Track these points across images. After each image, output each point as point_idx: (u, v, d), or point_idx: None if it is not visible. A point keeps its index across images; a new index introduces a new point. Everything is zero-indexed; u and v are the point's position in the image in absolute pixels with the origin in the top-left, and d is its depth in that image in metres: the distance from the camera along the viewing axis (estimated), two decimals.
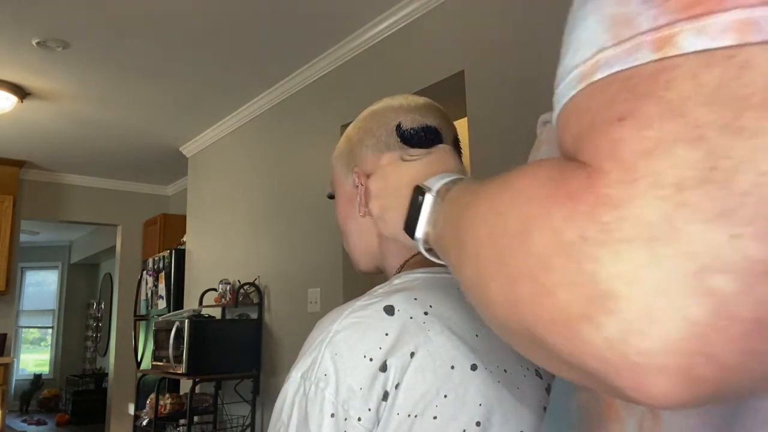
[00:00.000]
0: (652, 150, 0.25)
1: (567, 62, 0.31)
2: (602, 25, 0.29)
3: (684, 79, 0.25)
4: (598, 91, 0.28)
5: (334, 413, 0.55)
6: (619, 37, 0.28)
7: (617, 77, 0.27)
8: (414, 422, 0.55)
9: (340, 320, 0.59)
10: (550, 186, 0.29)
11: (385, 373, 0.56)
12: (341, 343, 0.57)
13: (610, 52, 0.28)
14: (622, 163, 0.26)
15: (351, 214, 0.77)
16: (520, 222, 0.30)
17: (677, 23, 0.26)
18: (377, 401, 0.55)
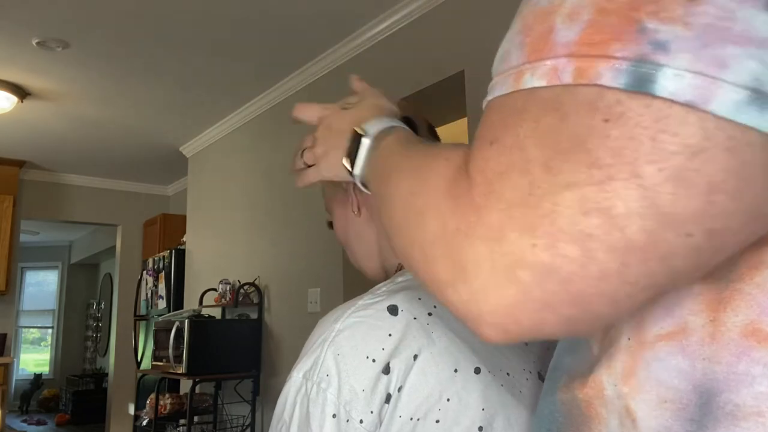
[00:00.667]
0: (503, 172, 0.32)
1: (495, 66, 0.39)
2: (501, 53, 0.38)
3: (529, 120, 0.32)
4: (490, 111, 0.36)
5: (336, 414, 0.54)
6: (502, 68, 0.36)
7: (500, 102, 0.35)
8: (416, 425, 0.54)
9: (342, 319, 0.59)
10: (450, 185, 0.36)
11: (388, 376, 0.55)
12: (344, 343, 0.57)
13: (497, 79, 0.36)
14: (485, 178, 0.33)
15: (348, 220, 0.77)
16: (424, 205, 0.38)
17: (525, 64, 0.33)
18: (380, 404, 0.55)
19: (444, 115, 3.07)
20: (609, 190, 0.29)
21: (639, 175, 0.28)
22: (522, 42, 0.34)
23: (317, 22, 2.83)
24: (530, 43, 0.33)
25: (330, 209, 0.82)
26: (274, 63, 3.27)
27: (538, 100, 0.32)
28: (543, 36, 0.33)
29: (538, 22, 0.34)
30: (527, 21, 0.35)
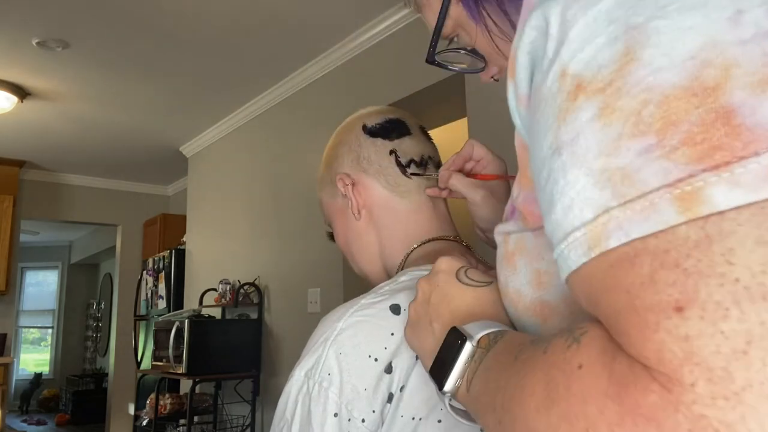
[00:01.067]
0: (746, 349, 0.21)
1: (559, 219, 0.29)
2: (593, 180, 0.27)
3: (748, 249, 0.21)
4: (626, 265, 0.25)
5: (338, 413, 0.54)
6: (625, 196, 0.25)
7: (644, 248, 0.24)
8: (418, 425, 0.54)
9: (345, 318, 0.58)
10: (613, 403, 0.24)
11: (390, 375, 0.55)
12: (346, 342, 0.56)
13: (619, 214, 0.25)
14: (709, 370, 0.21)
15: (348, 226, 0.77)
16: None
17: (698, 175, 0.23)
18: (382, 403, 0.55)
19: (444, 115, 3.07)
20: None
21: None
22: (668, 145, 0.24)
23: (317, 22, 2.83)
24: (697, 142, 0.23)
25: (329, 220, 0.82)
26: (274, 63, 3.27)
27: (749, 218, 0.22)
28: (722, 123, 0.23)
29: (687, 109, 0.24)
30: (663, 113, 0.25)
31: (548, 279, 0.40)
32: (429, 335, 0.48)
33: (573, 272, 0.28)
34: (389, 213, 0.75)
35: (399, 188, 0.75)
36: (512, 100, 0.37)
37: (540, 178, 0.31)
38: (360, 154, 0.76)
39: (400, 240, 0.74)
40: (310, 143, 3.32)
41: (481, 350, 0.40)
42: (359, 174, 0.75)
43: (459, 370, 0.42)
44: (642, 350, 0.24)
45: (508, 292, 0.45)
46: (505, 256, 0.45)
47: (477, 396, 0.39)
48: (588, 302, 0.28)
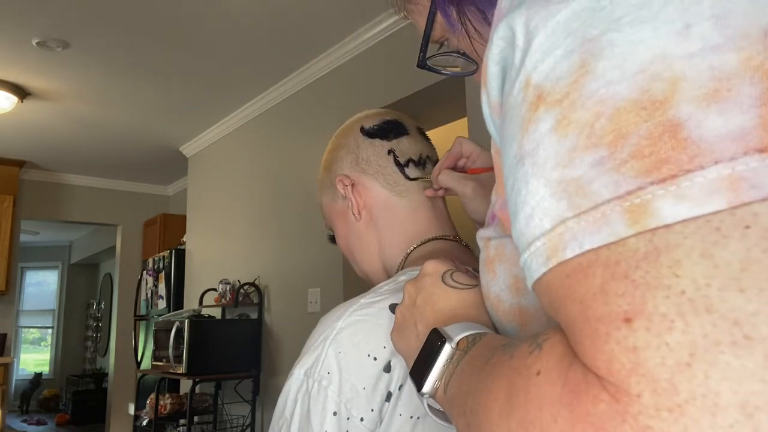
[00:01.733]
0: (689, 361, 0.21)
1: (522, 228, 0.29)
2: (551, 191, 0.27)
3: (693, 261, 0.22)
4: (580, 275, 0.25)
5: (337, 412, 0.55)
6: (579, 208, 0.26)
7: (596, 259, 0.25)
8: (416, 424, 0.54)
9: (344, 317, 0.59)
10: (565, 410, 0.25)
11: (389, 374, 0.55)
12: (345, 341, 0.57)
13: (573, 225, 0.26)
14: (654, 382, 0.22)
15: (349, 228, 0.78)
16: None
17: (646, 188, 0.23)
18: (380, 402, 0.55)
19: (444, 115, 3.07)
20: None
21: None
22: (618, 158, 0.25)
23: (317, 22, 2.83)
24: (645, 155, 0.24)
25: (330, 222, 0.82)
26: (274, 63, 3.27)
27: (694, 230, 0.22)
28: (669, 136, 0.23)
29: (634, 124, 0.25)
30: (614, 126, 0.25)
31: (525, 285, 0.40)
32: (413, 336, 0.49)
33: (536, 281, 0.29)
34: (389, 213, 0.75)
35: (398, 188, 0.75)
36: (485, 108, 0.37)
37: (507, 187, 0.32)
38: (359, 156, 0.76)
39: (400, 240, 0.74)
40: (310, 143, 3.32)
41: (459, 352, 0.41)
42: (358, 175, 0.76)
43: (438, 371, 0.42)
44: (594, 360, 0.24)
45: (490, 296, 0.46)
46: (486, 261, 0.45)
47: (452, 398, 0.39)
48: (550, 310, 0.28)
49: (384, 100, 2.81)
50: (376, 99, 2.86)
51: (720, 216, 0.22)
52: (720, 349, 0.21)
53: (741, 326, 0.21)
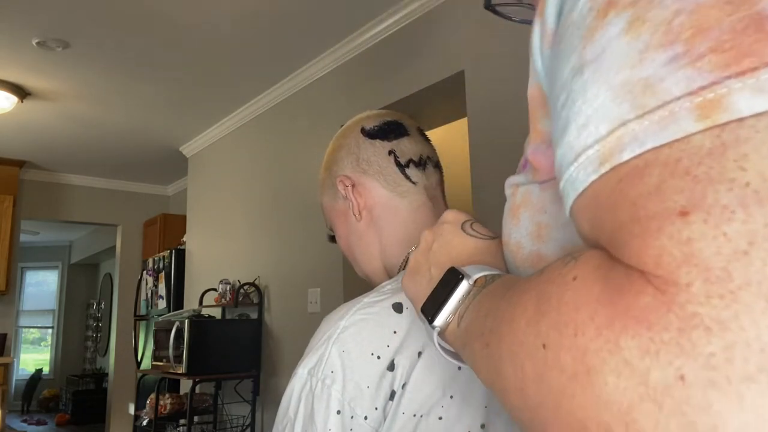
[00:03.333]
0: (747, 249, 0.21)
1: (571, 141, 0.28)
2: (613, 95, 0.26)
3: (763, 155, 0.21)
4: (635, 177, 0.24)
5: (341, 410, 0.55)
6: (643, 107, 0.24)
7: (655, 159, 0.24)
8: (419, 422, 0.54)
9: (348, 316, 0.59)
10: (605, 308, 0.24)
11: (392, 372, 0.55)
12: (349, 340, 0.57)
13: (635, 126, 0.25)
14: (706, 270, 0.21)
15: (349, 228, 0.78)
16: (576, 359, 0.25)
17: (722, 82, 0.22)
18: (384, 400, 0.55)
19: (444, 115, 3.07)
20: None
21: None
22: (695, 53, 0.24)
23: (317, 22, 2.83)
24: (725, 49, 0.23)
25: (331, 222, 0.82)
26: (274, 63, 3.27)
27: (766, 126, 0.21)
28: (755, 29, 0.22)
29: (716, 15, 0.23)
30: (694, 22, 0.24)
31: (547, 232, 0.41)
32: (425, 280, 0.48)
33: (579, 195, 0.28)
34: (390, 213, 0.76)
35: (399, 188, 0.76)
36: (536, 40, 0.36)
37: (557, 106, 0.31)
38: (359, 156, 0.77)
39: (401, 240, 0.75)
40: (311, 143, 3.32)
41: (476, 289, 0.40)
42: (359, 175, 0.76)
43: (453, 305, 0.41)
44: (640, 257, 0.23)
45: (510, 243, 0.45)
46: (512, 208, 0.45)
47: (466, 327, 0.38)
48: (591, 226, 0.28)
49: (384, 100, 2.81)
50: (376, 99, 2.86)
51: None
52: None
53: None
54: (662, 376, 0.22)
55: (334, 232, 0.82)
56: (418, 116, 3.07)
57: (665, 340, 0.22)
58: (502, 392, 0.31)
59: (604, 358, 0.23)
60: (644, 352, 0.22)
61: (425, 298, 0.46)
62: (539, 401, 0.27)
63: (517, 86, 2.20)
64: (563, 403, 0.25)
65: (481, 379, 0.35)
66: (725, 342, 0.21)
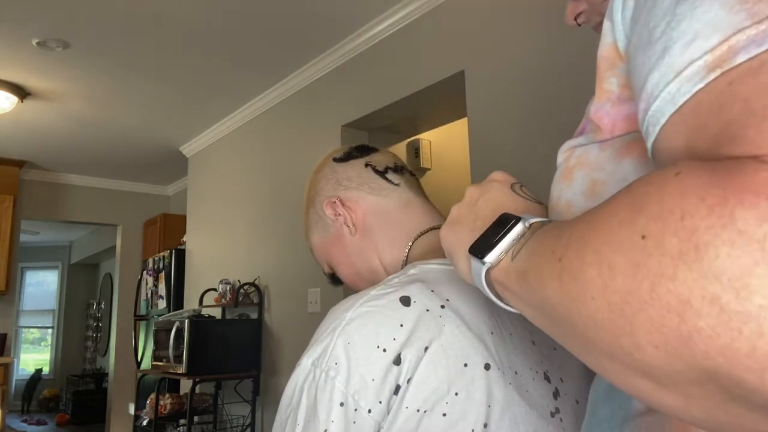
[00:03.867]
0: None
1: (673, 60, 0.28)
2: (728, 7, 0.26)
3: None
4: (748, 76, 0.25)
5: (344, 402, 0.54)
6: (760, 15, 0.25)
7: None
8: (422, 417, 0.54)
9: (354, 308, 0.59)
10: (716, 189, 0.24)
11: (398, 366, 0.55)
12: (354, 332, 0.57)
13: (752, 31, 0.25)
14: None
15: (348, 252, 0.79)
16: (683, 240, 0.24)
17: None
18: (389, 394, 0.55)
19: (444, 115, 3.07)
20: None
21: None
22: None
23: (317, 22, 2.83)
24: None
25: (327, 258, 0.83)
26: (273, 63, 3.27)
27: None
28: None
29: None
30: None
31: (602, 189, 0.41)
32: (469, 230, 0.47)
33: (676, 111, 0.28)
34: (382, 215, 0.77)
35: (384, 192, 0.78)
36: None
37: (654, 34, 0.30)
38: (338, 178, 0.80)
39: (398, 237, 0.75)
40: (311, 143, 3.32)
41: (531, 232, 0.39)
42: (344, 191, 0.79)
43: (508, 242, 0.40)
44: (755, 142, 0.24)
45: (560, 204, 0.45)
46: (564, 171, 0.45)
47: (525, 258, 0.37)
48: (690, 136, 0.27)
49: (384, 100, 2.81)
50: (376, 99, 2.86)
51: None
52: None
53: None
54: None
55: (333, 269, 0.82)
56: (418, 116, 3.07)
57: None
58: (576, 301, 0.29)
59: (717, 233, 0.23)
60: (762, 220, 0.22)
61: (470, 243, 0.44)
62: (629, 290, 0.26)
63: (517, 86, 2.20)
64: (662, 284, 0.25)
65: (543, 304, 0.34)
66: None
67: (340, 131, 3.05)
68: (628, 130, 0.40)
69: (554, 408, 0.61)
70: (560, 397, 0.62)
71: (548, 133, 2.01)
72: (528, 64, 2.15)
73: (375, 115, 2.91)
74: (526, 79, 2.16)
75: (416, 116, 3.05)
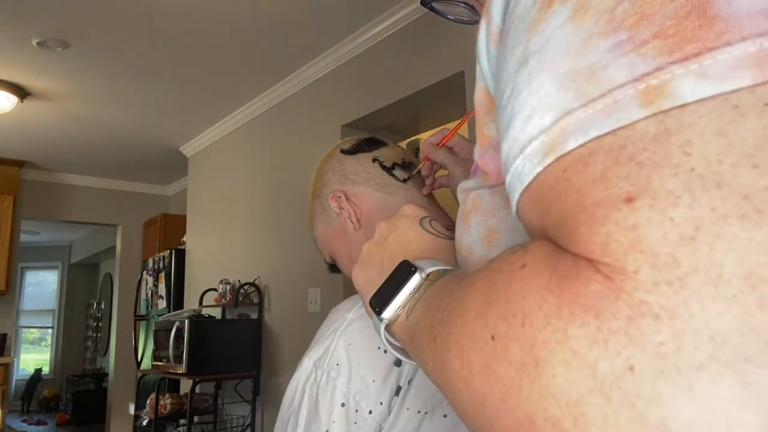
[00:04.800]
0: (694, 234, 0.20)
1: (516, 134, 0.27)
2: (558, 84, 0.25)
3: (706, 139, 0.21)
4: (579, 165, 0.24)
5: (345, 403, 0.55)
6: (587, 96, 0.24)
7: (599, 146, 0.23)
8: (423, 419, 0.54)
9: (355, 309, 0.59)
10: (552, 296, 0.23)
11: (399, 368, 0.55)
12: (356, 333, 0.57)
13: (579, 115, 0.24)
14: (653, 257, 0.21)
15: (350, 246, 0.78)
16: (524, 350, 0.24)
17: (665, 68, 0.22)
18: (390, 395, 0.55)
19: (444, 115, 3.07)
20: None
21: None
22: (638, 40, 0.23)
23: (317, 22, 2.83)
24: (669, 35, 0.22)
25: (329, 249, 0.83)
26: (274, 63, 3.27)
27: (711, 109, 0.21)
28: (697, 14, 0.22)
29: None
30: (637, 8, 0.24)
31: (497, 237, 0.41)
32: (376, 272, 0.47)
33: (525, 189, 0.27)
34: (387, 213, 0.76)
35: (390, 188, 0.77)
36: (483, 39, 0.36)
37: (502, 101, 0.30)
38: (345, 171, 0.79)
39: None
40: (311, 143, 3.32)
41: (428, 283, 0.39)
42: (350, 186, 0.78)
43: (404, 298, 0.40)
44: (587, 245, 0.23)
45: (461, 248, 0.45)
46: (463, 213, 0.45)
47: (415, 321, 0.37)
48: (539, 219, 0.27)
49: (384, 100, 2.81)
50: (376, 99, 2.86)
51: (739, 94, 0.21)
52: (728, 222, 0.20)
53: (751, 200, 0.20)
54: (611, 366, 0.21)
55: (334, 260, 0.82)
56: (418, 116, 3.07)
57: (614, 329, 0.21)
58: (448, 387, 0.30)
59: (552, 349, 0.23)
60: (592, 341, 0.22)
61: (375, 290, 0.44)
62: (485, 395, 0.26)
63: None
64: (510, 397, 0.24)
65: (426, 373, 0.34)
66: (674, 330, 0.20)
67: (340, 131, 3.05)
68: None
69: None
70: None
71: None
72: None
73: (375, 115, 2.91)
74: None
75: (416, 116, 3.05)
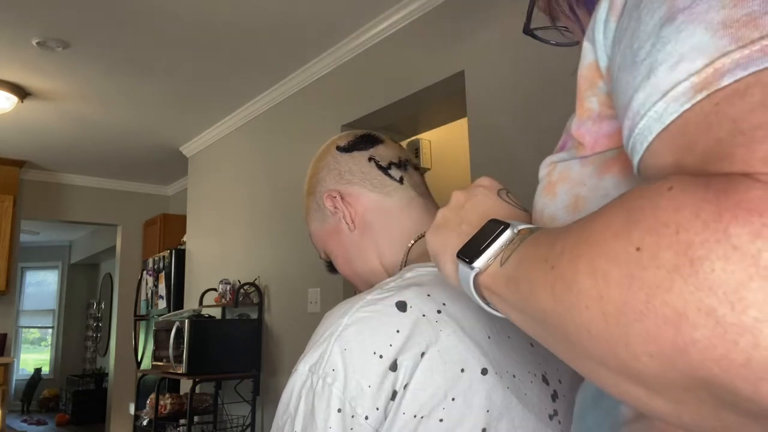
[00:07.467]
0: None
1: (658, 81, 0.29)
2: (712, 31, 0.27)
3: None
4: (735, 98, 0.26)
5: (341, 409, 0.54)
6: (744, 40, 0.26)
7: (757, 80, 0.25)
8: (419, 423, 0.54)
9: (350, 314, 0.58)
10: (710, 204, 0.24)
11: (395, 373, 0.55)
12: (351, 338, 0.56)
13: (736, 56, 0.26)
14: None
15: (345, 245, 0.78)
16: (678, 253, 0.25)
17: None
18: (385, 401, 0.54)
19: (444, 115, 3.07)
20: None
21: None
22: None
23: (317, 22, 2.83)
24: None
25: (324, 247, 0.82)
26: (274, 63, 3.27)
27: None
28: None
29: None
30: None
31: (584, 204, 0.42)
32: (455, 234, 0.47)
33: (664, 130, 0.29)
34: (382, 214, 0.76)
35: (386, 189, 0.77)
36: (603, 13, 0.37)
37: (637, 59, 0.31)
38: (341, 170, 0.78)
39: (398, 237, 0.75)
40: (311, 143, 3.32)
41: (521, 237, 0.39)
42: (345, 186, 0.77)
43: (496, 248, 0.40)
44: (747, 161, 0.25)
45: (543, 217, 0.45)
46: (547, 185, 0.46)
47: (516, 263, 0.37)
48: (678, 154, 0.28)
49: (384, 100, 2.81)
50: (376, 99, 2.86)
51: None
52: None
53: None
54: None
55: (330, 258, 0.82)
56: (418, 116, 3.07)
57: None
58: (570, 310, 0.30)
59: (712, 247, 0.24)
60: (756, 236, 0.23)
61: (458, 248, 0.44)
62: (625, 301, 0.26)
63: (517, 86, 2.20)
64: (656, 297, 0.25)
65: (526, 308, 0.35)
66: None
67: (340, 131, 3.05)
68: (609, 147, 0.41)
69: (553, 410, 0.60)
70: (559, 400, 0.62)
71: (549, 133, 2.01)
72: (528, 64, 2.15)
73: (375, 115, 2.91)
74: (526, 79, 2.16)
75: (416, 116, 3.05)
